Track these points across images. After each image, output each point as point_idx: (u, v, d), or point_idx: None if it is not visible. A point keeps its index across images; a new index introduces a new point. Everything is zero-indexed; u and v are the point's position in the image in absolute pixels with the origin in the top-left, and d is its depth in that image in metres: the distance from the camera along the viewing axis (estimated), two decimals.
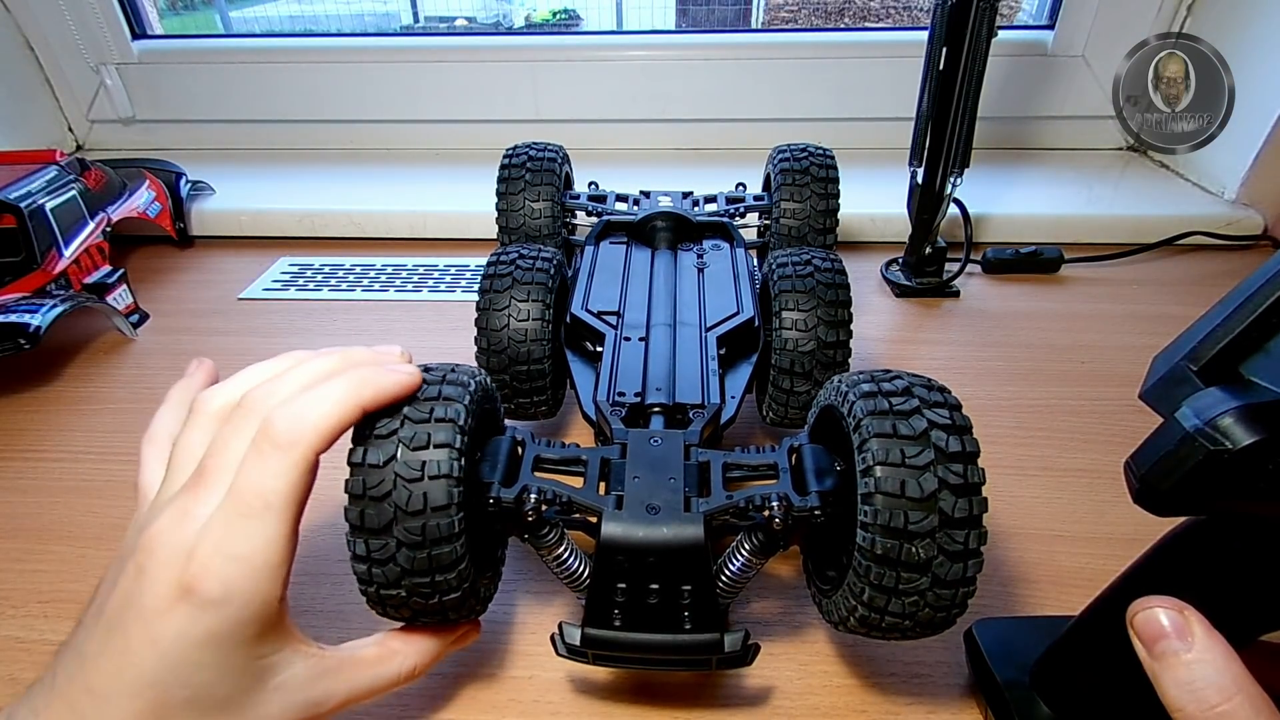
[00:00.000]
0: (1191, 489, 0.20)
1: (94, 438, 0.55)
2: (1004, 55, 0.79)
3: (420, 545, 0.29)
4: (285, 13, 1.61)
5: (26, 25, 0.96)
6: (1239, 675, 0.21)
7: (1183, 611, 0.22)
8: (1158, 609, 0.23)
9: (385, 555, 0.29)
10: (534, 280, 0.46)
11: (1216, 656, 0.21)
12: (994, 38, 0.60)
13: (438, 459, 0.29)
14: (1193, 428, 0.19)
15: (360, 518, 0.29)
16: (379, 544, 0.29)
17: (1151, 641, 0.22)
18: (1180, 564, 0.25)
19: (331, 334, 0.67)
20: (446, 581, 0.30)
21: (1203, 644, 0.22)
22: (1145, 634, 0.23)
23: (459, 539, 0.29)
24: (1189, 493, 0.20)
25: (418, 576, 0.30)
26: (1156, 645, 0.22)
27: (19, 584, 0.43)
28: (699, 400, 0.41)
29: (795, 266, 0.46)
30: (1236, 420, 0.19)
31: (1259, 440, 0.18)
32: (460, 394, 0.31)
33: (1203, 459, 0.19)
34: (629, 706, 0.36)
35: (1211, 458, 0.19)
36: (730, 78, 0.98)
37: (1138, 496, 0.22)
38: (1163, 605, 0.23)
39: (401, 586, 0.30)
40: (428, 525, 0.29)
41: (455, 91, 1.00)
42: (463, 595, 0.31)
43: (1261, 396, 0.19)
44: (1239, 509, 0.21)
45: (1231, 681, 0.21)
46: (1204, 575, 0.24)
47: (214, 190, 0.88)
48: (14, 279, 0.61)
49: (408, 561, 0.29)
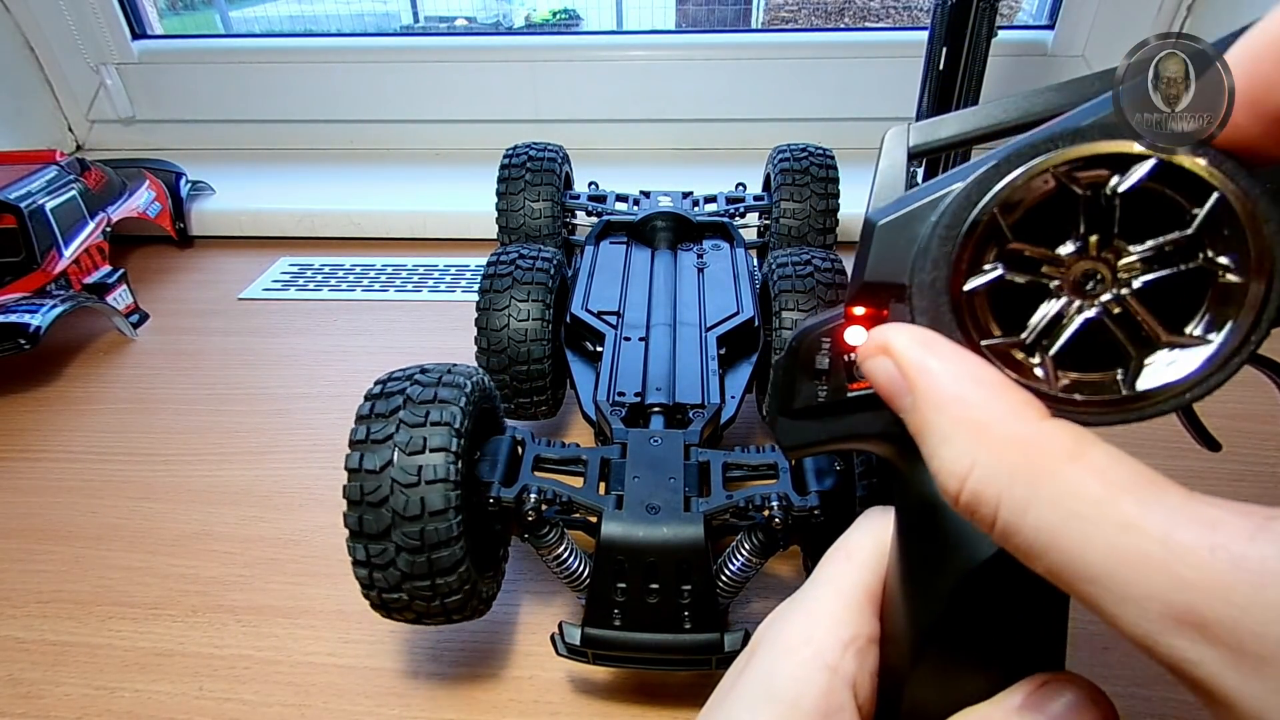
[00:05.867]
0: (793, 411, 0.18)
1: (94, 438, 0.55)
2: (1004, 55, 0.79)
3: (419, 550, 0.29)
4: (285, 13, 1.61)
5: (26, 25, 0.96)
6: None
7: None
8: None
9: (385, 560, 0.29)
10: (534, 280, 0.46)
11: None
12: (994, 38, 0.60)
13: (434, 463, 0.29)
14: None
15: (359, 523, 0.29)
16: (378, 549, 0.29)
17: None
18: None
19: (331, 334, 0.67)
20: (447, 584, 0.30)
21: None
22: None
23: (458, 542, 0.29)
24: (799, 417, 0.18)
25: (418, 580, 0.30)
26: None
27: (19, 584, 0.43)
28: (699, 400, 0.41)
29: (795, 266, 0.46)
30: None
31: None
32: (456, 396, 0.31)
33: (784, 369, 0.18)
34: (629, 706, 0.36)
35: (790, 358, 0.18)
36: (730, 78, 0.98)
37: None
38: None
39: (403, 590, 0.30)
40: (426, 530, 0.29)
41: (455, 91, 1.00)
42: (464, 597, 0.31)
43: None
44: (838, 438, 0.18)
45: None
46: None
47: (214, 190, 0.88)
48: (14, 279, 0.61)
49: (408, 566, 0.29)
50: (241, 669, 0.38)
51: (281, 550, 0.45)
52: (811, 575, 0.20)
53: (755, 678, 0.19)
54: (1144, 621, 0.11)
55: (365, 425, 0.30)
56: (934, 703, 0.17)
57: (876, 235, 0.16)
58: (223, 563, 0.44)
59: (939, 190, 0.15)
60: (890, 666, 0.18)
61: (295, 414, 0.56)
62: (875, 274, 0.16)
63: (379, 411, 0.31)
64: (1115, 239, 0.13)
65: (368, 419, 0.31)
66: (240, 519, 0.47)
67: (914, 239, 0.15)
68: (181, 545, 0.45)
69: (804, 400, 0.18)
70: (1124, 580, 0.12)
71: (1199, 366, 0.13)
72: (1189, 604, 0.11)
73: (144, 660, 0.38)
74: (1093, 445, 0.13)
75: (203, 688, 0.37)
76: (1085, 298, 0.14)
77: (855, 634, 0.18)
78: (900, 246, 0.16)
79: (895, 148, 0.18)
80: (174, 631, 0.40)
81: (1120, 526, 0.12)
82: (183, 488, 0.50)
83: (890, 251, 0.16)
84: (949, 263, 0.14)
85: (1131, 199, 0.13)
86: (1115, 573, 0.12)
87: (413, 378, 0.33)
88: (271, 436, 0.54)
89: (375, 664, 0.38)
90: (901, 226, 0.16)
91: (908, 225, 0.16)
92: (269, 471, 0.51)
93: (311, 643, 0.39)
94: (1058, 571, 0.13)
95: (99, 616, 0.41)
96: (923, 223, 0.15)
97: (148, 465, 0.52)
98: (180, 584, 0.43)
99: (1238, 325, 0.13)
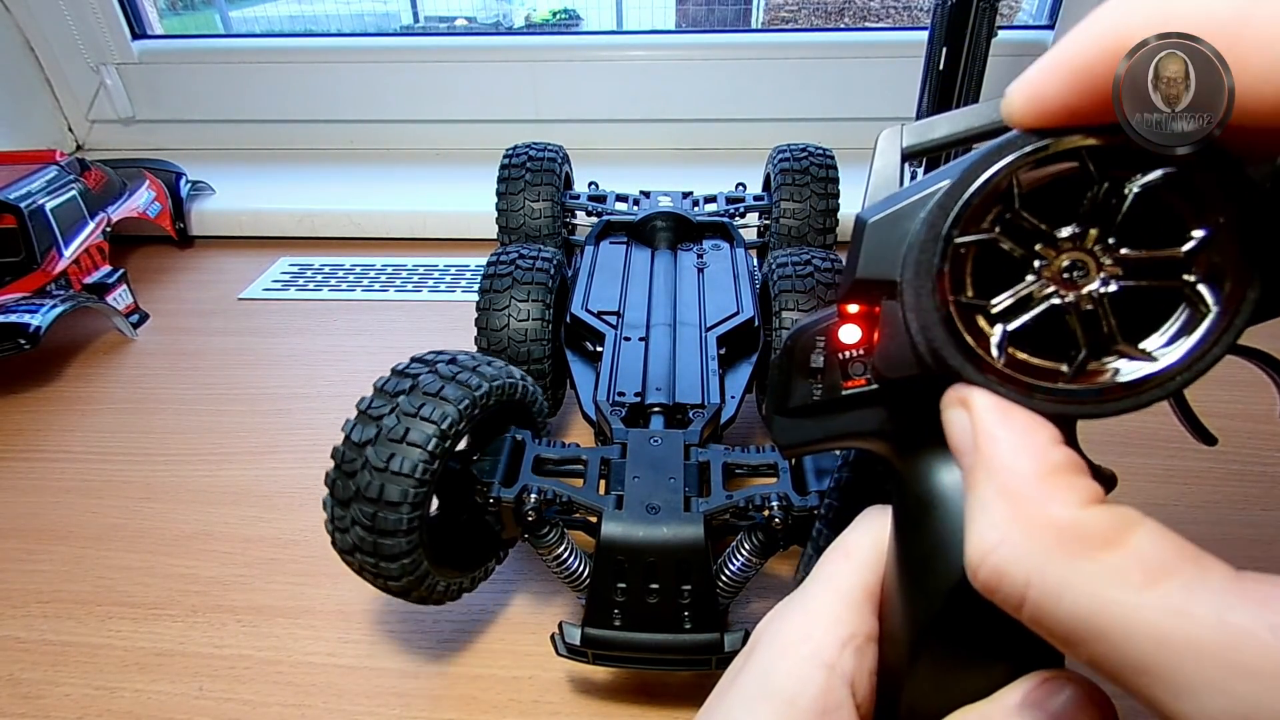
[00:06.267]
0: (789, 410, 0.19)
1: (94, 438, 0.55)
2: (1004, 55, 0.79)
3: (370, 530, 0.30)
4: (285, 13, 1.61)
5: (26, 25, 0.96)
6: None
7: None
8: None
9: (344, 525, 0.31)
10: (534, 280, 0.46)
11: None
12: (994, 38, 0.60)
13: (407, 456, 0.30)
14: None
15: (332, 484, 0.31)
16: (341, 513, 0.31)
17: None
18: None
19: (331, 334, 0.67)
20: (389, 569, 0.31)
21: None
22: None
23: (407, 535, 0.30)
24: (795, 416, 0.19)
25: (365, 555, 0.31)
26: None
27: (19, 584, 0.43)
28: (699, 400, 0.41)
29: (795, 266, 0.46)
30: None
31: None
32: (461, 395, 0.31)
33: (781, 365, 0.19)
34: (629, 706, 0.36)
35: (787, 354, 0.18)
36: (730, 78, 0.98)
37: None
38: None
39: (355, 557, 0.32)
40: (378, 515, 0.30)
41: (455, 91, 1.00)
42: (406, 585, 0.32)
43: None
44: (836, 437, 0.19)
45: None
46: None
47: (214, 190, 0.88)
48: (14, 279, 0.61)
49: (358, 540, 0.31)
50: (241, 669, 0.38)
51: (281, 550, 0.45)
52: (810, 574, 0.20)
53: (753, 676, 0.19)
54: (1205, 717, 0.11)
55: (373, 398, 0.32)
56: (932, 700, 0.17)
57: (867, 233, 0.16)
58: (223, 563, 0.44)
59: (928, 188, 0.15)
60: (889, 665, 0.18)
61: (295, 414, 0.56)
62: (866, 271, 0.16)
63: (389, 389, 0.32)
64: (1112, 236, 0.14)
65: (379, 393, 0.32)
66: (240, 519, 0.47)
67: (904, 236, 0.15)
68: (181, 545, 0.45)
69: (799, 399, 0.18)
70: (1180, 671, 0.11)
71: (1140, 376, 0.13)
72: (1254, 695, 0.10)
73: (144, 660, 0.38)
74: (1135, 527, 0.12)
75: (203, 688, 0.37)
76: (1063, 286, 0.14)
77: (854, 632, 0.18)
78: (890, 244, 0.16)
79: (889, 148, 0.18)
80: (174, 631, 0.40)
81: (1168, 613, 0.11)
82: (183, 488, 0.50)
83: (881, 249, 0.16)
84: (956, 217, 0.14)
85: (1140, 199, 0.13)
86: (1168, 663, 0.11)
87: (435, 365, 0.33)
88: (271, 436, 0.54)
89: (375, 664, 0.38)
90: (891, 224, 0.16)
91: (897, 223, 0.16)
92: (269, 471, 0.51)
93: (311, 643, 0.39)
94: (1103, 662, 0.12)
95: (99, 616, 0.41)
96: (912, 220, 0.15)
97: (148, 465, 0.52)
98: (180, 584, 0.43)
99: (1191, 350, 0.13)
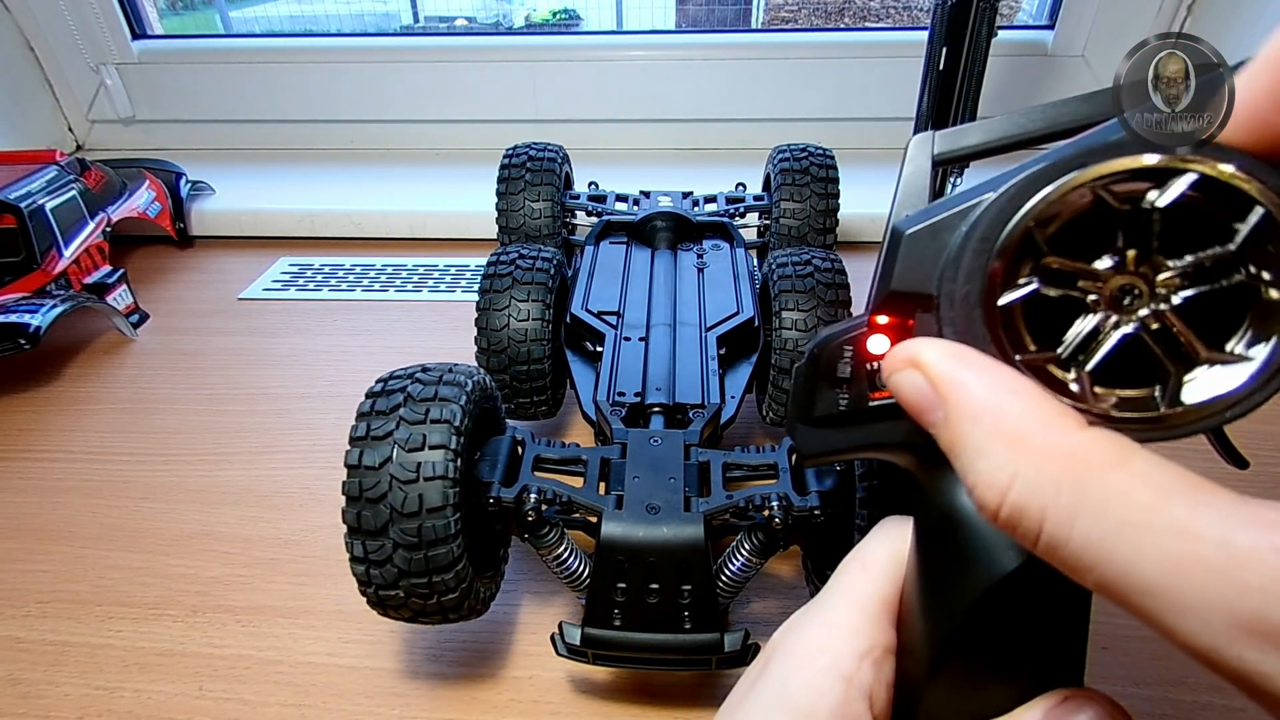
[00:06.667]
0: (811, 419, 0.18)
1: (94, 438, 0.55)
2: (1004, 55, 0.79)
3: (417, 546, 0.29)
4: (285, 13, 1.61)
5: (26, 25, 0.96)
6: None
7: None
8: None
9: (383, 556, 0.29)
10: (534, 280, 0.46)
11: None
12: (994, 38, 0.60)
13: (433, 460, 0.29)
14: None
15: (357, 519, 0.29)
16: (376, 545, 0.29)
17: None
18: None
19: (331, 334, 0.67)
20: (444, 582, 0.30)
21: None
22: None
23: (455, 539, 0.30)
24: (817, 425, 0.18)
25: (415, 578, 0.30)
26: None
27: (19, 584, 0.43)
28: (699, 400, 0.41)
29: (795, 266, 0.46)
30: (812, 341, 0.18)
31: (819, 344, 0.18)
32: (456, 394, 0.31)
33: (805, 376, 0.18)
34: (629, 706, 0.36)
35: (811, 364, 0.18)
36: (730, 78, 0.98)
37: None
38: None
39: (399, 587, 0.30)
40: (424, 527, 0.29)
41: (455, 91, 1.00)
42: (460, 595, 0.31)
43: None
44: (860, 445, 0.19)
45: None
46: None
47: (214, 190, 0.88)
48: (14, 279, 0.61)
49: (405, 563, 0.29)
50: (241, 669, 0.38)
51: (281, 550, 0.45)
52: (827, 584, 0.20)
53: (770, 687, 0.19)
54: (1208, 633, 0.11)
55: (366, 422, 0.30)
56: (951, 716, 0.17)
57: (904, 244, 0.16)
58: (223, 563, 0.44)
59: (969, 200, 0.15)
60: (907, 678, 0.18)
61: (295, 414, 0.56)
62: (902, 283, 0.16)
63: (380, 409, 0.31)
64: (1154, 253, 0.13)
65: (369, 416, 0.31)
66: (240, 519, 0.47)
67: (942, 249, 0.15)
68: (181, 545, 0.45)
69: (825, 408, 0.18)
70: (1183, 590, 0.11)
71: (1241, 384, 0.13)
72: (1257, 611, 0.10)
73: (144, 660, 0.38)
74: (1136, 452, 0.12)
75: (203, 688, 0.37)
76: (1123, 313, 0.13)
77: (872, 644, 0.18)
78: (928, 257, 0.15)
79: (919, 155, 0.18)
80: (174, 631, 0.40)
81: (1174, 533, 0.11)
82: (183, 488, 0.50)
83: (918, 261, 0.16)
84: (983, 275, 0.14)
85: (1171, 212, 0.13)
86: (1173, 582, 0.11)
87: (414, 376, 0.33)
88: (271, 436, 0.54)
89: (375, 664, 0.38)
90: (930, 236, 0.15)
91: (936, 235, 0.15)
92: (269, 471, 0.51)
93: (311, 643, 0.39)
94: (1110, 584, 0.12)
95: (99, 616, 0.41)
96: (952, 233, 0.15)
97: (148, 465, 0.52)
98: (180, 584, 0.43)
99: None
